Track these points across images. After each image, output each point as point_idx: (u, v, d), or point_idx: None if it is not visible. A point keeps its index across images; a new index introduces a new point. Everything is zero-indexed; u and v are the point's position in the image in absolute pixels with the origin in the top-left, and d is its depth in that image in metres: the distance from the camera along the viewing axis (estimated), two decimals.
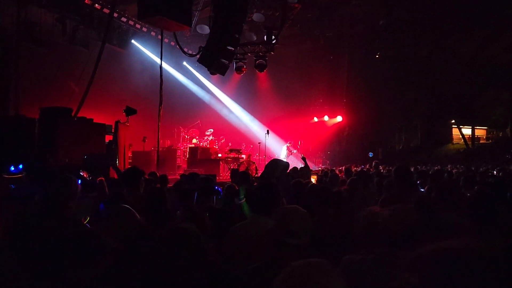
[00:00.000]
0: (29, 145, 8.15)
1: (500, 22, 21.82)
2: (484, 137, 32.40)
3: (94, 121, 9.99)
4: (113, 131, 10.38)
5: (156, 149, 12.60)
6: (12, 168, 6.57)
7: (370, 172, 7.64)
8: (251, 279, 2.00)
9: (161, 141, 12.08)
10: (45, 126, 8.49)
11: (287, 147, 16.95)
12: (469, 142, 30.74)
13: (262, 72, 13.74)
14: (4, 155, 6.98)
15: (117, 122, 10.24)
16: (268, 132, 15.85)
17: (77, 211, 3.56)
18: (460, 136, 31.09)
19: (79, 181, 3.61)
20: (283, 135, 18.45)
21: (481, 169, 11.58)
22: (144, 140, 14.45)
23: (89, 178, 6.60)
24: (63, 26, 12.58)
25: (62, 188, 3.17)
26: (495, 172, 10.70)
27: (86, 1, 13.04)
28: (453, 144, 30.84)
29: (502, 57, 26.07)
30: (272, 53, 12.99)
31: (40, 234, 2.57)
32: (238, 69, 13.52)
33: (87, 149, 8.94)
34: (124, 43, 15.32)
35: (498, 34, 24.10)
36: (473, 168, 11.35)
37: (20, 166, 6.63)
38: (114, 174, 8.36)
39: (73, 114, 9.35)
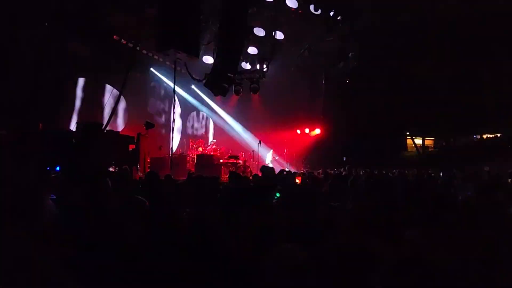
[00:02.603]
0: (68, 152, 8.16)
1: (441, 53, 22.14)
2: (432, 146, 32.69)
3: (120, 133, 10.02)
4: (135, 141, 10.44)
5: (170, 155, 12.69)
6: (58, 169, 6.61)
7: (344, 174, 7.75)
8: None
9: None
10: (80, 137, 8.54)
11: (272, 153, 17.20)
12: (420, 150, 31.05)
13: (256, 94, 13.87)
14: (49, 160, 7.02)
15: (138, 134, 10.31)
16: (260, 142, 16.06)
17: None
18: (413, 145, 31.39)
19: None
20: (272, 145, 18.56)
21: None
22: (160, 149, 14.53)
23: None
24: (96, 57, 12.67)
25: (98, 187, 3.30)
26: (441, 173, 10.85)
27: (114, 37, 13.14)
28: (407, 151, 31.10)
29: (444, 85, 26.52)
30: (264, 78, 13.11)
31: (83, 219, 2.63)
32: (236, 92, 13.63)
33: (114, 156, 9.03)
34: (144, 70, 15.42)
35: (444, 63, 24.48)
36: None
37: (57, 168, 6.65)
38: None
39: (103, 127, 9.38)
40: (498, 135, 28.70)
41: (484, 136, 29.97)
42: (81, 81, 12.93)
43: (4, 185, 2.18)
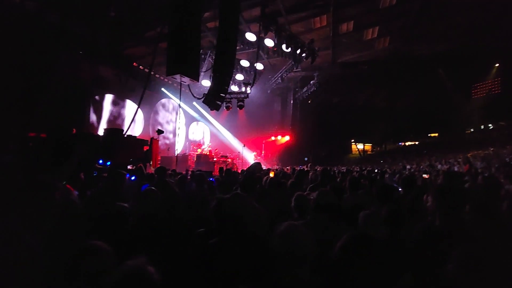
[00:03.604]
0: (97, 152, 7.94)
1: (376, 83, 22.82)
2: (370, 150, 33.55)
3: (137, 137, 9.83)
4: (149, 144, 10.25)
5: (175, 155, 12.52)
6: (101, 161, 6.32)
7: (306, 170, 7.80)
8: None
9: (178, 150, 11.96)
10: (107, 140, 8.32)
11: (254, 155, 17.23)
12: (361, 153, 31.80)
13: (241, 109, 13.89)
14: (80, 160, 6.77)
15: (152, 138, 10.12)
16: (244, 146, 16.04)
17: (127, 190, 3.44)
18: (356, 149, 32.12)
19: (127, 175, 3.62)
20: (253, 148, 18.63)
21: (369, 168, 12.07)
22: (168, 149, 14.29)
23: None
24: (119, 78, 12.43)
25: (118, 179, 3.18)
26: (376, 170, 11.15)
27: (134, 64, 12.92)
28: (352, 153, 31.80)
29: (379, 104, 27.39)
30: (247, 98, 13.17)
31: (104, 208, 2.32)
32: (227, 107, 13.61)
33: (133, 155, 8.82)
34: (157, 89, 15.20)
35: (379, 90, 25.27)
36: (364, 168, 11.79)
37: (108, 163, 6.30)
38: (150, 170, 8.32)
39: (124, 133, 9.17)
40: (416, 142, 29.76)
41: (407, 143, 30.96)
42: (108, 97, 12.61)
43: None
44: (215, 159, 14.42)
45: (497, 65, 24.10)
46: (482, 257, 0.94)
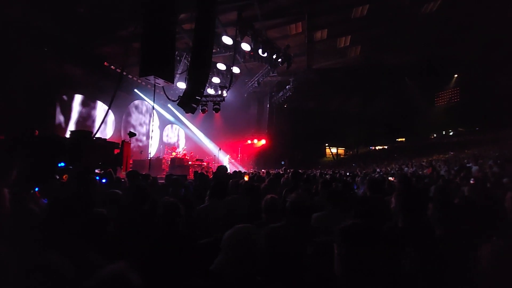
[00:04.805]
0: (62, 155, 7.49)
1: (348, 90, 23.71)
2: (343, 154, 34.67)
3: (107, 140, 9.41)
4: (120, 147, 9.85)
5: (149, 158, 12.15)
6: (63, 164, 6.01)
7: (281, 173, 7.85)
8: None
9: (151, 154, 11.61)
10: (73, 143, 7.87)
11: (228, 158, 17.16)
12: (335, 156, 32.76)
13: (217, 113, 13.79)
14: (44, 163, 6.36)
15: (123, 141, 9.72)
16: (219, 149, 15.92)
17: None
18: (330, 153, 33.04)
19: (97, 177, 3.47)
20: (229, 151, 18.54)
21: (342, 171, 12.44)
22: (140, 153, 13.83)
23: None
24: (89, 78, 11.84)
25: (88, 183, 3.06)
26: (348, 173, 11.51)
27: (105, 63, 12.40)
28: (326, 157, 32.66)
29: (352, 110, 28.47)
30: (223, 101, 13.13)
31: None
32: (203, 110, 13.42)
33: (102, 159, 8.41)
34: (129, 91, 14.68)
35: (351, 96, 26.27)
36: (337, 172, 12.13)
37: (62, 164, 6.02)
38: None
39: (93, 135, 8.73)
40: (386, 147, 31.22)
41: (377, 148, 32.39)
42: (77, 97, 11.98)
43: None
44: (190, 162, 14.15)
45: (456, 75, 26.09)
46: (433, 253, 1.01)
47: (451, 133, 28.79)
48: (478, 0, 11.72)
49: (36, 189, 2.73)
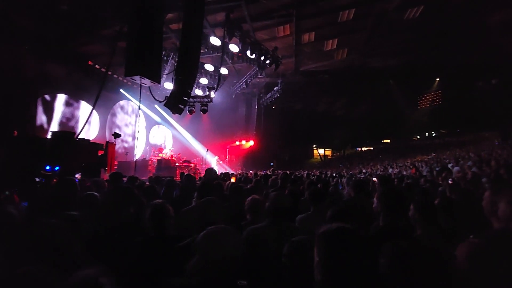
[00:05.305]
0: (42, 157, 7.22)
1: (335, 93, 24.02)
2: (330, 155, 35.14)
3: (91, 141, 9.15)
4: (104, 148, 9.60)
5: (134, 160, 11.92)
6: (48, 168, 5.74)
7: (268, 175, 7.87)
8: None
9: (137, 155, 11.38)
10: (54, 144, 7.60)
11: (217, 159, 17.05)
12: (322, 157, 33.15)
13: (205, 114, 13.68)
14: (25, 165, 6.11)
15: (107, 142, 9.48)
16: (207, 150, 15.81)
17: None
18: (318, 154, 33.40)
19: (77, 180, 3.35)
20: (217, 152, 18.43)
21: (328, 173, 12.57)
22: (126, 154, 13.55)
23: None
24: (72, 77, 11.50)
25: (68, 185, 2.92)
26: (334, 174, 11.63)
27: (89, 62, 12.08)
28: (314, 158, 33.01)
29: (339, 112, 28.87)
30: (211, 102, 13.03)
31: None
32: (190, 111, 13.30)
33: (85, 160, 8.16)
34: (115, 91, 14.36)
35: (338, 98, 26.63)
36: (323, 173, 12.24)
37: (56, 168, 5.75)
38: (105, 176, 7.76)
39: (75, 136, 8.46)
40: (371, 148, 31.87)
41: (363, 149, 33.00)
42: (60, 97, 11.61)
43: None
44: (177, 164, 13.97)
45: (438, 79, 26.95)
46: (408, 253, 1.03)
47: (433, 135, 29.71)
48: (458, 7, 12.15)
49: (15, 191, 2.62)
